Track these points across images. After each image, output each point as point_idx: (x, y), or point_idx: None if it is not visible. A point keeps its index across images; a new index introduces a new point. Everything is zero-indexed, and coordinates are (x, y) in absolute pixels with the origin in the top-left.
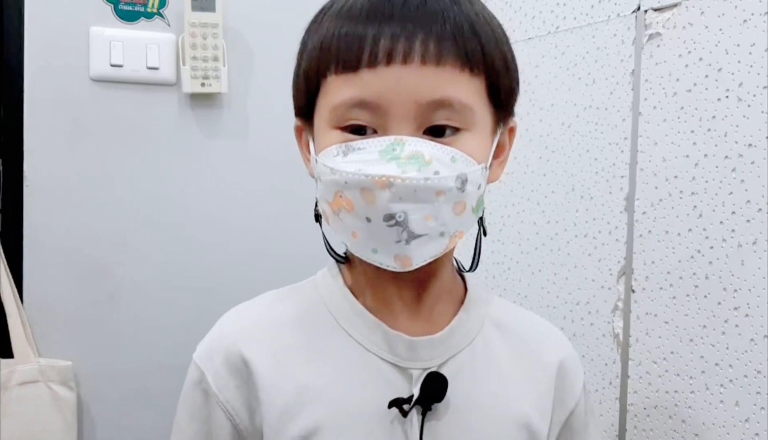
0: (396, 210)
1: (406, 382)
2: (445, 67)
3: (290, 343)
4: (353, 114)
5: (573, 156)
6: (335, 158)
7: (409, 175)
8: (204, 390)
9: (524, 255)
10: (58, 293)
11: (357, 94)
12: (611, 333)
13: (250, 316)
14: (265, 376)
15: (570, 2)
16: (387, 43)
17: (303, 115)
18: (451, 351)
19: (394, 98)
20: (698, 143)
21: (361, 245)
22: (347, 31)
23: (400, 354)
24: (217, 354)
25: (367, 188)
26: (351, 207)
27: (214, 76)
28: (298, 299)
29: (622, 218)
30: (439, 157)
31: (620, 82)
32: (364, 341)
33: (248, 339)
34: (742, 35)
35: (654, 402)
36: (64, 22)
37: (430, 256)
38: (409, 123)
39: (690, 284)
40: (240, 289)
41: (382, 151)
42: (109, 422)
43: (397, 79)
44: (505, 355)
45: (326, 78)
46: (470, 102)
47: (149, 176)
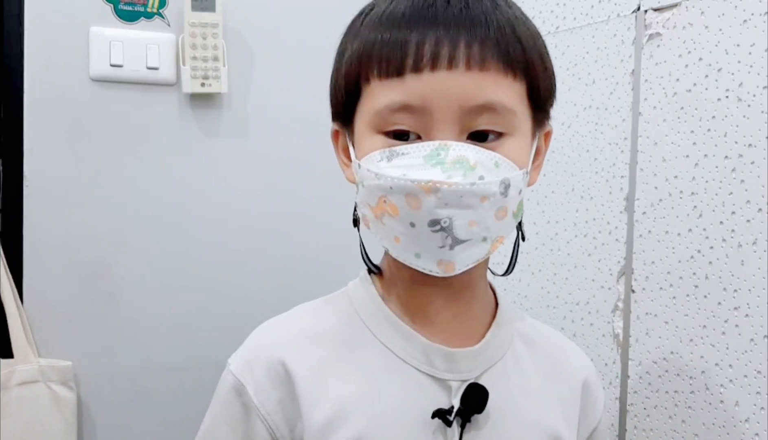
0: (441, 216)
1: (444, 393)
2: (489, 72)
3: (329, 355)
4: (397, 119)
5: (573, 156)
6: (379, 162)
7: (455, 180)
8: (244, 403)
9: (524, 255)
10: (58, 293)
11: (401, 98)
12: (611, 333)
13: (288, 328)
14: (308, 388)
15: (570, 2)
16: (432, 47)
17: (342, 119)
18: (486, 363)
19: (438, 103)
20: (698, 143)
21: (404, 250)
22: (391, 37)
23: (438, 365)
24: (258, 366)
25: (412, 194)
26: (395, 212)
27: (214, 76)
28: (333, 311)
29: (622, 218)
30: (483, 162)
31: (620, 82)
32: (401, 352)
33: (289, 351)
34: (742, 35)
35: (654, 402)
36: (64, 22)
37: (472, 261)
38: (452, 128)
39: (690, 284)
40: (240, 289)
41: (427, 156)
42: (109, 422)
43: (442, 83)
44: (533, 369)
45: (369, 83)
46: (513, 106)
47: (149, 176)
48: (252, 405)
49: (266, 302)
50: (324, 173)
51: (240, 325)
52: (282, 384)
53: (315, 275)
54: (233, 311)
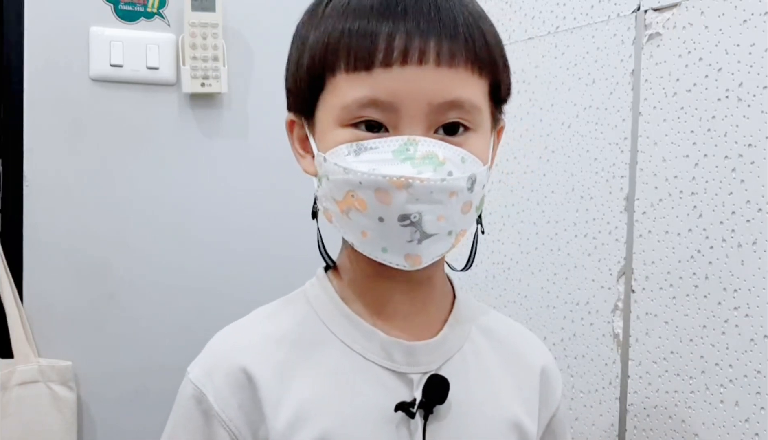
0: (411, 211)
1: (406, 387)
2: (458, 69)
3: (289, 358)
4: (364, 112)
5: (573, 156)
6: (347, 157)
7: (426, 176)
8: (204, 410)
9: (524, 255)
10: (58, 293)
11: (370, 93)
12: (611, 333)
13: (246, 334)
14: (269, 391)
15: (570, 2)
16: (402, 42)
17: (301, 110)
18: (445, 355)
19: (408, 98)
20: (698, 143)
21: (370, 245)
22: (358, 28)
23: (398, 359)
24: (217, 372)
25: (382, 189)
26: (363, 207)
27: (214, 76)
28: (291, 312)
29: (622, 218)
30: (451, 157)
31: (620, 82)
32: (361, 349)
33: (249, 356)
34: (742, 35)
35: (654, 402)
36: (64, 22)
37: (438, 255)
38: (421, 123)
39: (690, 284)
40: (240, 289)
41: (396, 151)
42: (109, 422)
43: (412, 79)
44: (492, 359)
45: (334, 75)
46: (479, 103)
47: (149, 176)
48: (213, 412)
49: (266, 302)
50: None
51: None
52: (242, 390)
53: (314, 274)
54: (233, 311)
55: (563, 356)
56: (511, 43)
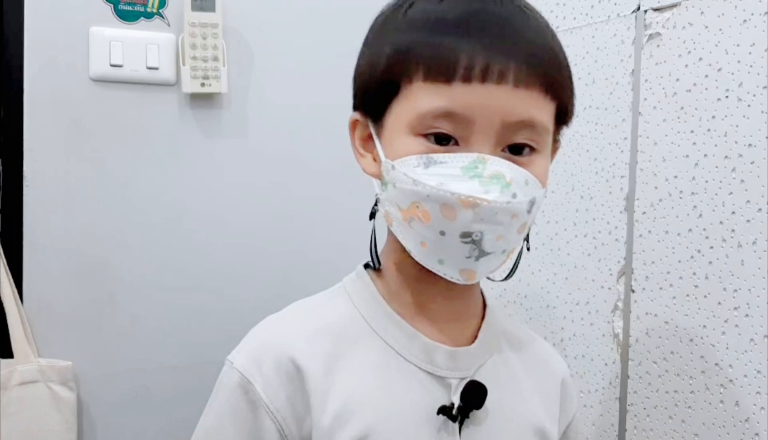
0: (475, 229)
1: (444, 391)
2: (533, 91)
3: (333, 351)
4: (438, 123)
5: (573, 156)
6: (416, 168)
7: (493, 197)
8: (251, 400)
9: (524, 255)
10: (58, 293)
11: (447, 105)
12: (611, 333)
13: (293, 325)
14: (318, 382)
15: (570, 2)
16: (483, 60)
17: (370, 112)
18: (480, 361)
19: (482, 113)
20: (698, 143)
21: (428, 255)
22: (442, 41)
23: (439, 363)
24: (266, 362)
25: (448, 205)
26: (427, 219)
27: (214, 76)
28: (332, 308)
29: (622, 218)
30: (516, 179)
31: (620, 82)
32: (402, 350)
33: (297, 346)
34: (742, 35)
35: (654, 402)
36: (64, 22)
37: (490, 271)
38: (490, 140)
39: (690, 284)
40: (240, 289)
41: (465, 167)
42: (109, 422)
43: (490, 97)
44: (519, 366)
45: (411, 83)
46: (548, 124)
47: (149, 176)
48: (261, 402)
49: (266, 302)
50: (324, 172)
51: (240, 325)
52: (291, 381)
53: (315, 274)
54: (233, 311)
55: (563, 356)
56: None
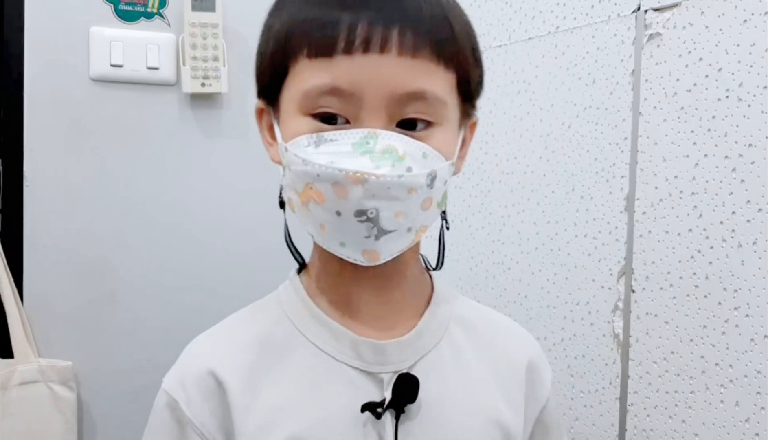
0: (368, 206)
1: (376, 387)
2: (422, 60)
3: (258, 363)
4: (325, 101)
5: (573, 156)
6: (306, 148)
7: (383, 171)
8: (178, 419)
9: (524, 255)
10: (58, 293)
11: (331, 80)
12: (611, 333)
13: (217, 340)
14: (238, 396)
15: (570, 2)
16: (364, 30)
17: (267, 97)
18: (420, 352)
19: (368, 88)
20: (698, 143)
21: (329, 238)
22: (322, 15)
23: (368, 359)
24: (188, 380)
25: (339, 183)
26: (321, 200)
27: (214, 76)
28: (263, 317)
29: (622, 218)
30: (411, 152)
31: (620, 82)
32: (331, 350)
33: (218, 362)
34: (742, 35)
35: (654, 402)
36: (64, 22)
37: (397, 250)
38: (381, 115)
39: (690, 284)
40: (239, 289)
41: (355, 143)
42: (109, 422)
43: (374, 68)
44: (471, 354)
45: (297, 61)
46: (443, 96)
47: (149, 176)
48: (186, 419)
49: None
50: None
51: None
52: (213, 395)
53: None
54: (233, 311)
55: (563, 356)
56: (511, 43)
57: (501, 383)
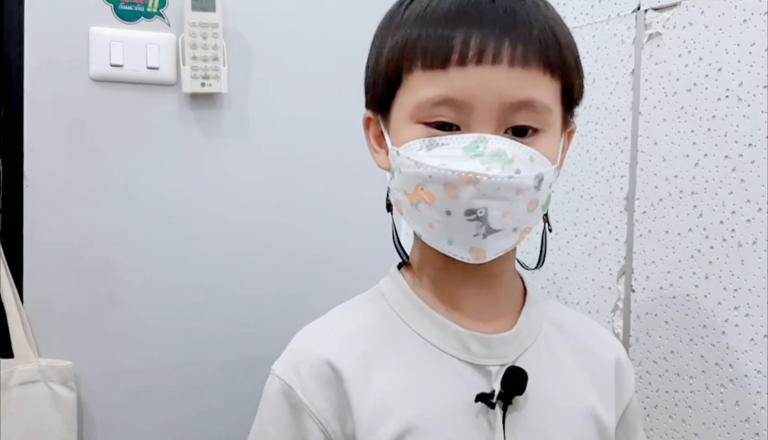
0: (478, 206)
1: (483, 379)
2: (530, 70)
3: (370, 351)
4: (438, 111)
5: (573, 156)
6: (419, 151)
7: (494, 173)
8: (293, 404)
9: (524, 255)
10: (58, 293)
11: (444, 92)
12: (611, 333)
13: (327, 329)
14: (355, 382)
15: (570, 2)
16: (477, 44)
17: (378, 107)
18: (520, 348)
19: (480, 97)
20: (698, 143)
21: (437, 237)
22: (436, 31)
23: (475, 351)
24: (304, 367)
25: (451, 183)
26: (432, 200)
27: (214, 76)
28: (368, 309)
29: (622, 218)
30: (519, 156)
31: (620, 82)
32: (438, 342)
33: (332, 349)
34: (742, 35)
35: (654, 402)
36: (64, 22)
37: (502, 250)
38: (491, 122)
39: (690, 284)
40: (240, 289)
41: (466, 147)
42: (109, 422)
43: (485, 78)
44: (565, 351)
45: (411, 73)
46: (550, 104)
47: (149, 176)
48: (302, 405)
49: (266, 301)
50: (324, 172)
51: (240, 325)
52: (329, 383)
53: (316, 273)
54: (234, 311)
55: None
56: None
57: (594, 380)
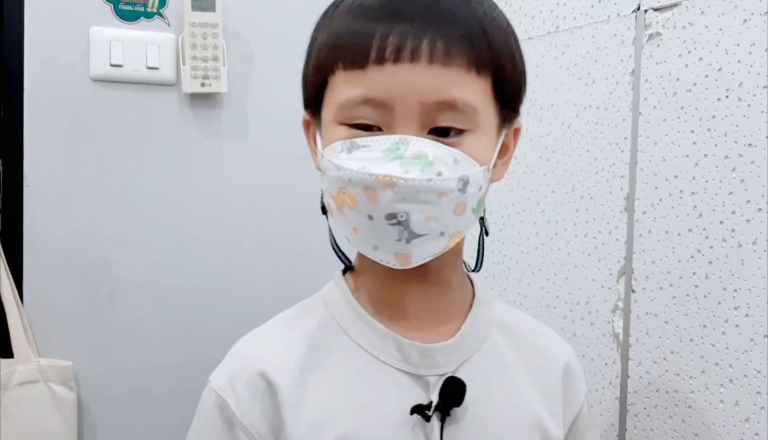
0: (398, 210)
1: (422, 389)
2: (452, 68)
3: (307, 363)
4: (359, 112)
5: (573, 156)
6: (340, 154)
7: (412, 176)
8: (227, 418)
9: (524, 255)
10: (58, 293)
11: (363, 92)
12: (611, 333)
13: (265, 341)
14: (289, 396)
15: (570, 2)
16: (395, 40)
17: (311, 109)
18: (464, 356)
19: (400, 97)
20: (698, 143)
21: (362, 241)
22: (357, 28)
23: (414, 361)
24: (238, 380)
25: (370, 187)
26: (354, 204)
27: (214, 76)
28: (309, 318)
29: (622, 218)
30: (442, 158)
31: (620, 82)
32: (378, 353)
33: (268, 362)
34: (742, 35)
35: (654, 402)
36: (64, 22)
37: (430, 254)
38: (414, 123)
39: (690, 284)
40: (240, 289)
41: (387, 149)
42: (109, 422)
43: (404, 77)
44: (513, 359)
45: (334, 74)
46: (475, 103)
47: (149, 176)
48: (235, 419)
49: (266, 301)
50: None
51: (240, 324)
52: (263, 395)
53: (315, 273)
54: (233, 311)
55: None
56: None
57: (541, 387)
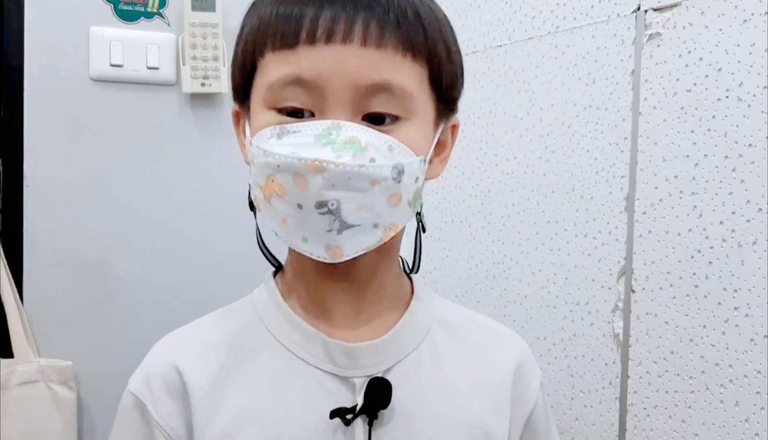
0: (328, 198)
1: (348, 392)
2: (386, 51)
3: (228, 364)
4: (290, 94)
5: (573, 156)
6: (269, 140)
7: (343, 160)
8: (145, 420)
9: (524, 255)
10: (58, 293)
11: (294, 71)
12: (611, 333)
13: (185, 341)
14: (202, 399)
15: (570, 2)
16: (327, 21)
17: (240, 98)
18: (396, 357)
19: (331, 78)
20: (698, 143)
21: (291, 234)
22: (287, 11)
23: (340, 362)
24: (155, 381)
25: (299, 173)
26: (283, 193)
27: (214, 76)
28: (234, 319)
29: (622, 218)
30: (375, 144)
31: (620, 82)
32: (303, 353)
33: (185, 363)
34: (742, 35)
35: (654, 402)
36: (64, 22)
37: (362, 248)
38: (347, 107)
39: (690, 284)
40: (239, 289)
41: (318, 135)
42: (109, 422)
43: (336, 58)
44: (454, 357)
45: (263, 56)
46: (411, 88)
47: (149, 176)
48: (153, 421)
49: None
50: None
51: None
52: (181, 395)
53: None
54: None
55: (563, 356)
56: (511, 43)
57: (484, 388)
